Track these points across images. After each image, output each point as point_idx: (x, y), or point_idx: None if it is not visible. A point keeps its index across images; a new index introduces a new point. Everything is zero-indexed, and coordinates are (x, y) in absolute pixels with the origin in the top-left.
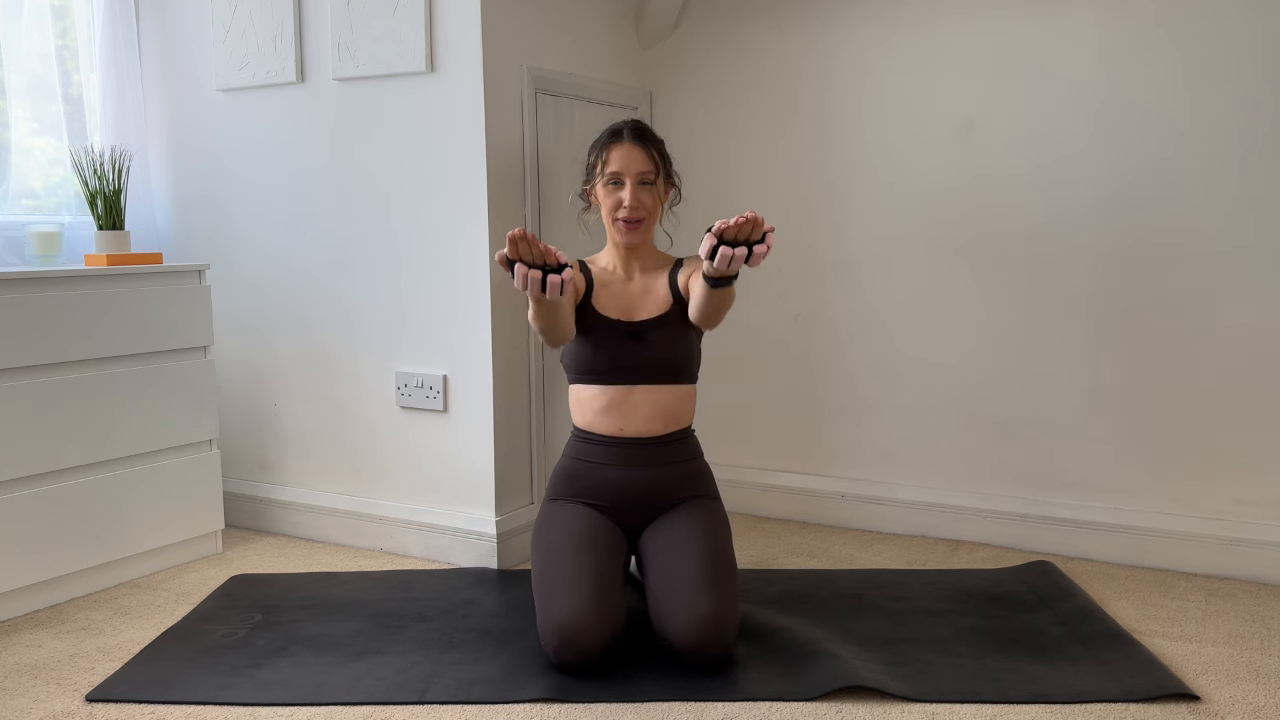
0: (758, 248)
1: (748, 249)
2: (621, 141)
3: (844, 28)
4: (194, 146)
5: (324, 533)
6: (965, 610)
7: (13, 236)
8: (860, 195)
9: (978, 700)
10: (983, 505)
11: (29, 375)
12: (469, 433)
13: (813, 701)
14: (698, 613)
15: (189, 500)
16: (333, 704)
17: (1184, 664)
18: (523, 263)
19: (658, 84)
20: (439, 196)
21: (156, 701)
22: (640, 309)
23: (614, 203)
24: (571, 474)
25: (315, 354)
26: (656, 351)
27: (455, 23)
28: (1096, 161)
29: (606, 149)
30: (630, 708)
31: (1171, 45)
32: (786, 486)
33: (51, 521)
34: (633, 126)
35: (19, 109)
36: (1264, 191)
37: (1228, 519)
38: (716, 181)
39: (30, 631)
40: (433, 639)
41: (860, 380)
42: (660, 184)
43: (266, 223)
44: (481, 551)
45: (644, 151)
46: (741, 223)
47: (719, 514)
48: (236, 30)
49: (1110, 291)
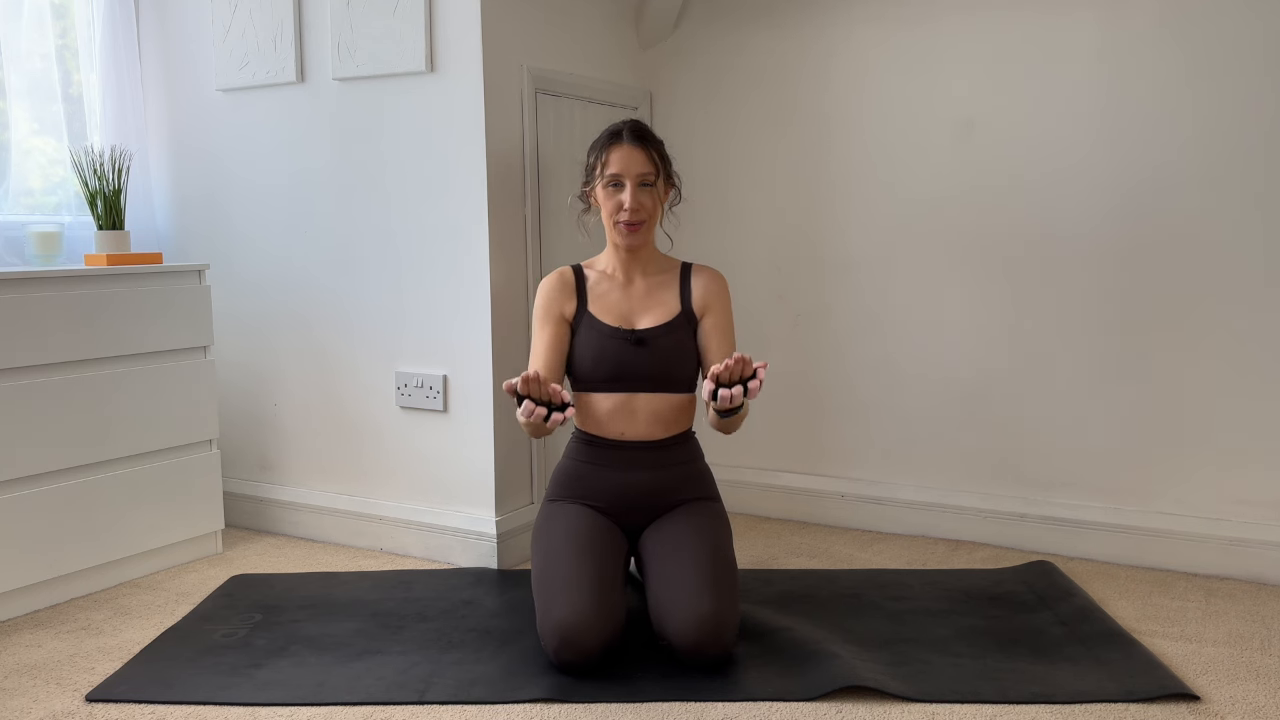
0: (751, 384)
1: (743, 386)
2: (621, 143)
3: (844, 28)
4: (194, 146)
5: (324, 533)
6: (965, 610)
7: (13, 236)
8: (861, 195)
9: (978, 700)
10: (983, 505)
11: (29, 375)
12: (469, 433)
13: (813, 701)
14: (697, 613)
15: (189, 500)
16: (333, 704)
17: (1184, 664)
18: (530, 399)
19: (658, 84)
20: (439, 196)
21: (156, 701)
22: (643, 314)
23: (614, 205)
24: (572, 475)
25: (315, 354)
26: (661, 359)
27: (455, 23)
28: (1097, 162)
29: (606, 150)
30: (630, 708)
31: (1172, 45)
32: (786, 486)
33: (51, 521)
34: (632, 127)
35: (19, 109)
36: (1266, 191)
37: (1228, 519)
38: (717, 182)
39: (30, 631)
40: (433, 639)
41: (860, 380)
42: (660, 185)
43: (266, 223)
44: (481, 551)
45: (644, 153)
46: (732, 365)
47: (719, 515)
48: (236, 30)
49: (1110, 291)
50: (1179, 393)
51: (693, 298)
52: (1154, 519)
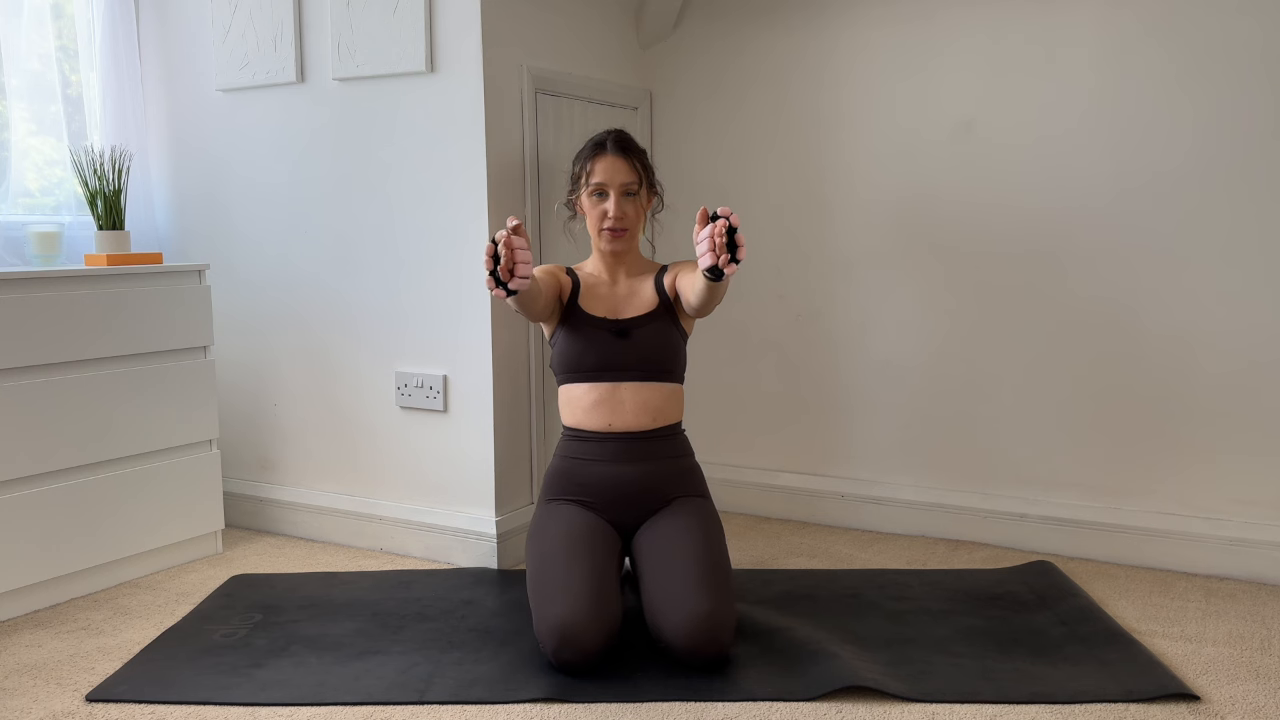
0: (740, 252)
1: (732, 256)
2: (605, 153)
3: (844, 28)
4: (194, 146)
5: (324, 533)
6: (965, 610)
7: (13, 236)
8: (860, 195)
9: (978, 700)
10: (983, 505)
11: (29, 375)
12: (469, 433)
13: (813, 701)
14: (693, 612)
15: (189, 500)
16: (333, 704)
17: (1184, 664)
18: (493, 258)
19: (658, 84)
20: (439, 196)
21: (156, 701)
22: (626, 308)
23: (599, 214)
24: (563, 473)
25: (315, 354)
26: (643, 347)
27: (455, 23)
28: (1096, 162)
29: (590, 161)
30: (630, 708)
31: (1171, 44)
32: (786, 486)
33: (51, 521)
34: (616, 138)
35: (18, 109)
36: (1265, 191)
37: (1228, 519)
38: (716, 181)
39: (30, 631)
40: (433, 639)
41: (860, 380)
42: (643, 194)
43: (266, 223)
44: (481, 551)
45: (627, 163)
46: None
47: (710, 513)
48: (236, 30)
49: (1111, 291)
50: (1179, 392)
51: (665, 287)
52: (1154, 519)
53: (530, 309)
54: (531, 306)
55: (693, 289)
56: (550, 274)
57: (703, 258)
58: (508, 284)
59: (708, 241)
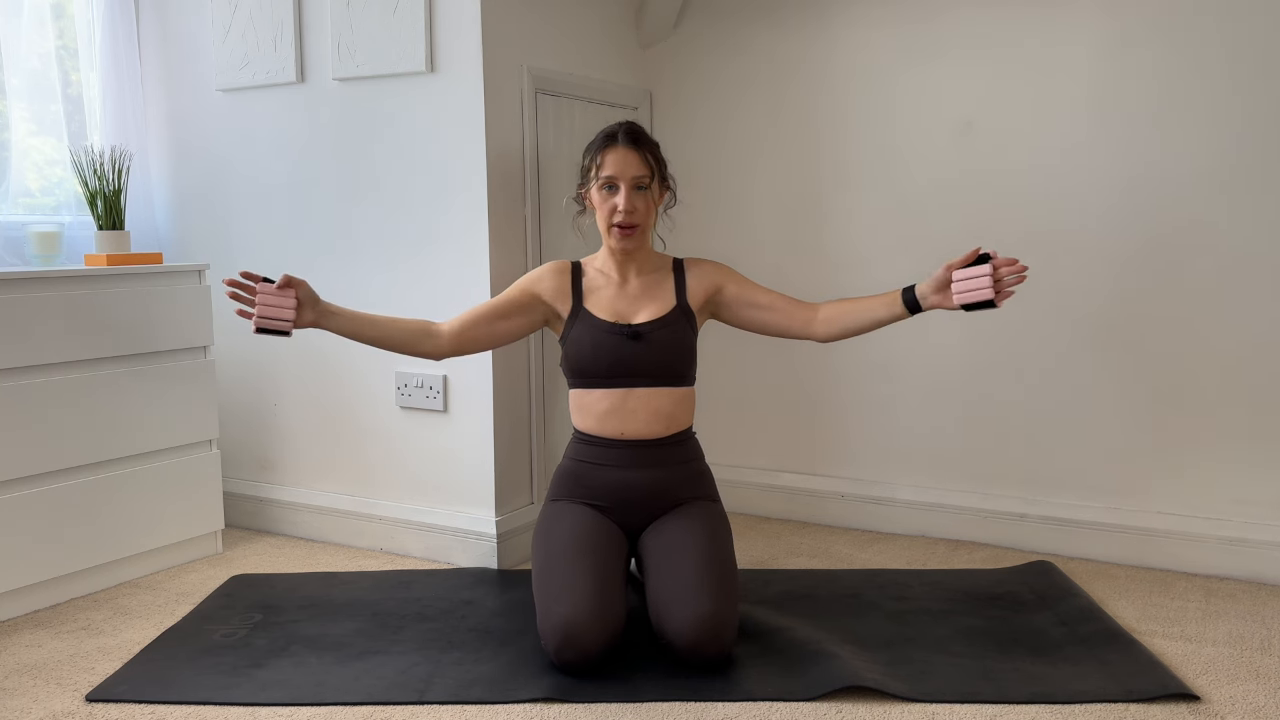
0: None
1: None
2: (616, 145)
3: (844, 28)
4: (194, 146)
5: (324, 533)
6: (965, 610)
7: (13, 236)
8: (860, 195)
9: (978, 700)
10: (983, 505)
11: (29, 375)
12: (469, 433)
13: (813, 701)
14: (696, 613)
15: (189, 500)
16: (333, 704)
17: (1184, 664)
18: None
19: (658, 84)
20: (439, 196)
21: (156, 701)
22: (639, 310)
23: (609, 208)
24: (573, 475)
25: (315, 354)
26: (657, 353)
27: (455, 23)
28: (1097, 161)
29: (601, 152)
30: (630, 708)
31: (1173, 43)
32: (787, 486)
33: (51, 521)
34: (627, 129)
35: (18, 109)
36: (1266, 190)
37: (1228, 519)
38: (716, 181)
39: (30, 631)
40: (433, 639)
41: (860, 380)
42: (655, 187)
43: (266, 223)
44: (481, 551)
45: (639, 155)
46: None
47: (719, 516)
48: (236, 30)
49: (1110, 291)
50: (1179, 392)
51: (688, 291)
52: (1154, 519)
53: (387, 344)
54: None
55: (857, 319)
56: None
57: (977, 292)
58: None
59: (988, 279)
